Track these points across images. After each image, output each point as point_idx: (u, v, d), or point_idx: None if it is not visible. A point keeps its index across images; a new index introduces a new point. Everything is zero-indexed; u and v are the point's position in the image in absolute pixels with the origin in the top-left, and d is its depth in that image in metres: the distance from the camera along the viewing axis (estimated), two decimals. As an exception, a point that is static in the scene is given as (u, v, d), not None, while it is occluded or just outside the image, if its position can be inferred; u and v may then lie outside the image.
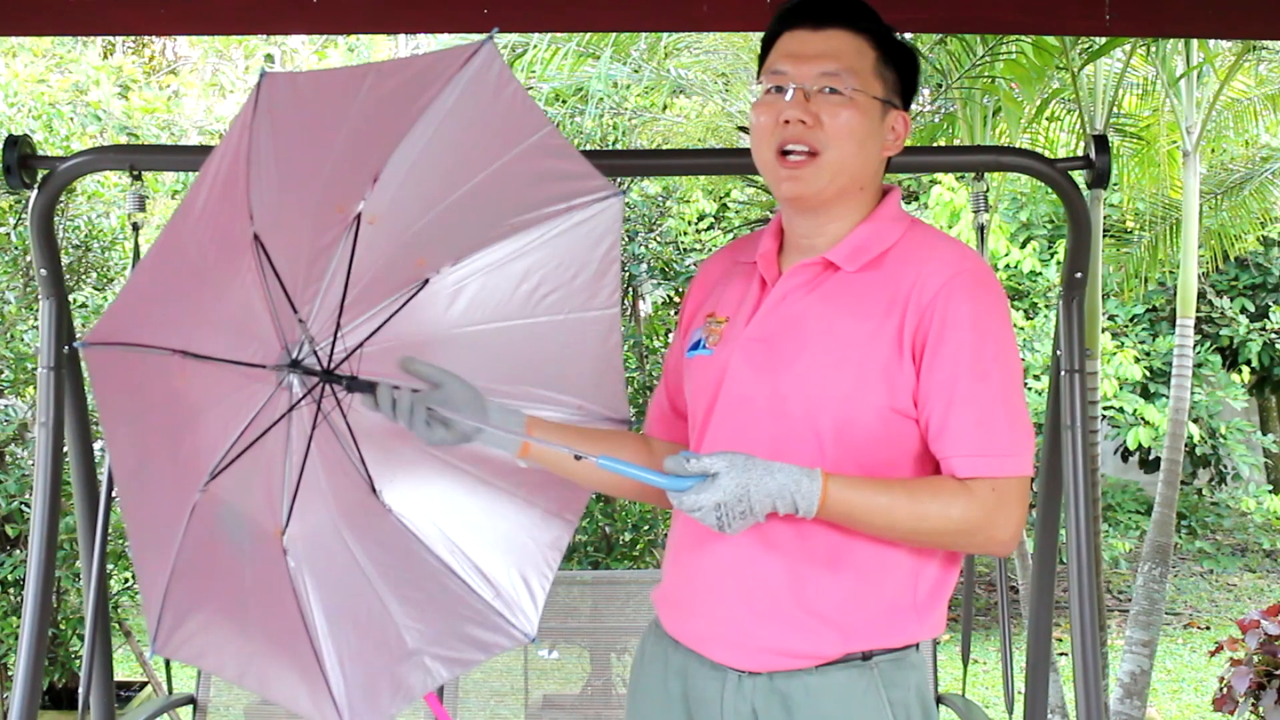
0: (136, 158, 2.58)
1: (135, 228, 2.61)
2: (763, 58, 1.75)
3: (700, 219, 8.11)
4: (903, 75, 1.72)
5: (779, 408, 1.67)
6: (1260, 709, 4.44)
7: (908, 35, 4.98)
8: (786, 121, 1.67)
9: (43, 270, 2.55)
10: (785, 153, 1.68)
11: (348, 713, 1.93)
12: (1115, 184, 6.68)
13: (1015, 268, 7.86)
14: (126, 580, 5.20)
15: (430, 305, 1.92)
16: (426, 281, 1.91)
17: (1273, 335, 8.92)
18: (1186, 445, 7.01)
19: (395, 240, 1.84)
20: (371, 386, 1.76)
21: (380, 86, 1.68)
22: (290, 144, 1.65)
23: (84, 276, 5.18)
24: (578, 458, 1.73)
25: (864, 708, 1.67)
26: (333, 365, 1.82)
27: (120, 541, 5.03)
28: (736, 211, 8.40)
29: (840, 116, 1.66)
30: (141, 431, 1.75)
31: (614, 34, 5.43)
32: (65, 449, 2.63)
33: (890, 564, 1.67)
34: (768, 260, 1.77)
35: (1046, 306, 8.10)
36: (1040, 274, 8.04)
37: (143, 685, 5.56)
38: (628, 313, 5.66)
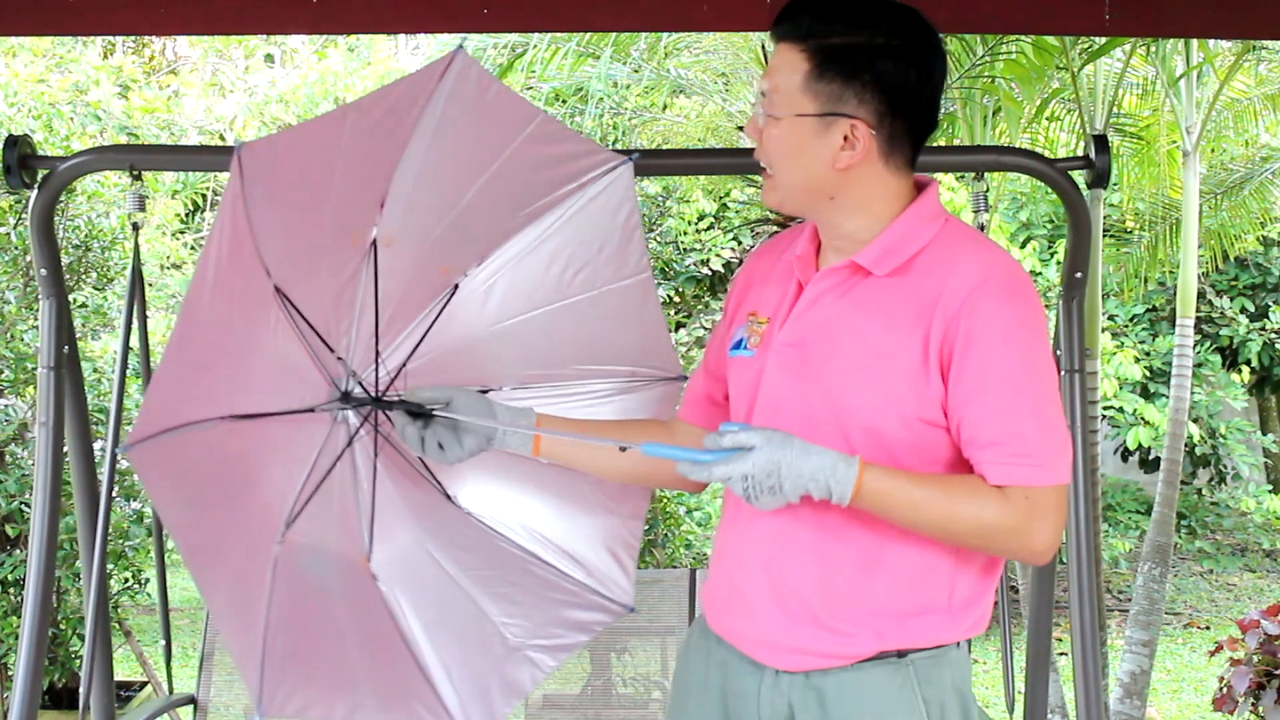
0: (136, 158, 2.58)
1: (135, 228, 2.61)
2: None
3: (700, 219, 8.12)
4: (863, 79, 1.64)
5: (810, 414, 1.68)
6: (1260, 709, 4.44)
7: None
8: None
9: (43, 270, 2.55)
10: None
11: None
12: (1115, 184, 6.68)
13: (1015, 268, 7.86)
14: (126, 580, 5.20)
15: (465, 309, 1.94)
16: (456, 287, 1.93)
17: (1273, 335, 8.92)
18: (1186, 445, 7.01)
19: (415, 255, 1.86)
20: (400, 406, 1.79)
21: (362, 121, 1.70)
22: (287, 198, 1.67)
23: (84, 276, 5.18)
24: (623, 449, 1.76)
25: (898, 704, 1.68)
26: (381, 390, 1.84)
27: (120, 541, 5.03)
28: (736, 211, 8.41)
29: (771, 136, 1.68)
30: (203, 508, 1.76)
31: (614, 34, 5.42)
32: (65, 449, 2.63)
33: (927, 568, 1.67)
34: (804, 262, 1.77)
35: (1046, 306, 8.11)
36: (1040, 274, 8.05)
37: (143, 685, 5.56)
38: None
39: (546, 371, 2.01)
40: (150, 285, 6.47)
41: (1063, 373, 2.56)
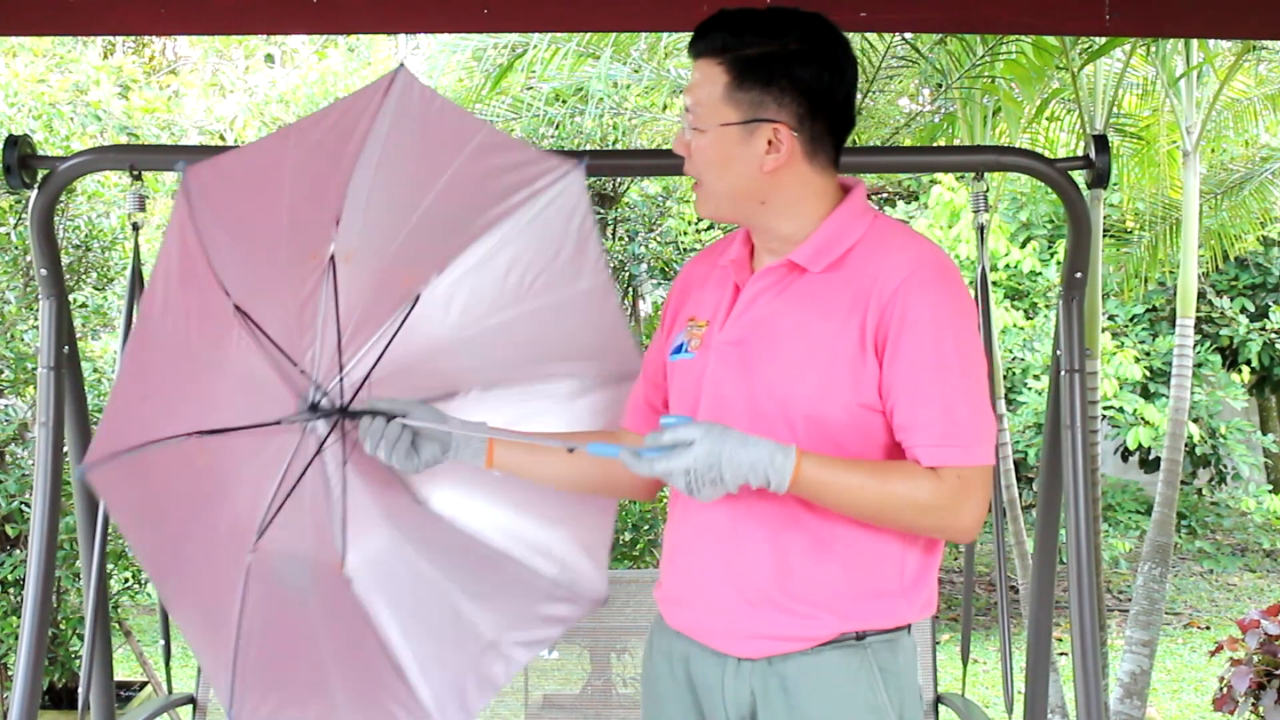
0: (136, 158, 2.58)
1: (135, 228, 2.61)
2: None
3: (700, 219, 8.12)
4: (780, 84, 1.71)
5: (755, 407, 1.74)
6: (1260, 709, 4.44)
7: (908, 35, 4.99)
8: None
9: (43, 270, 2.55)
10: None
11: (440, 717, 1.99)
12: (1115, 184, 6.67)
13: (1015, 268, 7.86)
14: (126, 580, 5.20)
15: (428, 319, 1.97)
16: (418, 297, 1.95)
17: (1273, 335, 8.91)
18: (1186, 445, 7.01)
19: (375, 269, 1.89)
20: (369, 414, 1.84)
21: (305, 141, 1.73)
22: (238, 218, 1.70)
23: (84, 276, 5.18)
24: (570, 450, 1.82)
25: (858, 684, 1.74)
26: (346, 401, 1.88)
27: (120, 541, 5.03)
28: (736, 211, 8.40)
29: (699, 148, 1.77)
30: (170, 524, 1.78)
31: (614, 34, 5.42)
32: (65, 449, 2.63)
33: (875, 551, 1.74)
34: (739, 265, 1.85)
35: (1046, 306, 8.11)
36: (1040, 274, 8.04)
37: (143, 685, 5.56)
38: (628, 313, 5.66)
39: (511, 375, 2.05)
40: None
41: (1063, 373, 2.56)
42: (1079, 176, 2.52)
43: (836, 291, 1.73)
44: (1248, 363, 8.99)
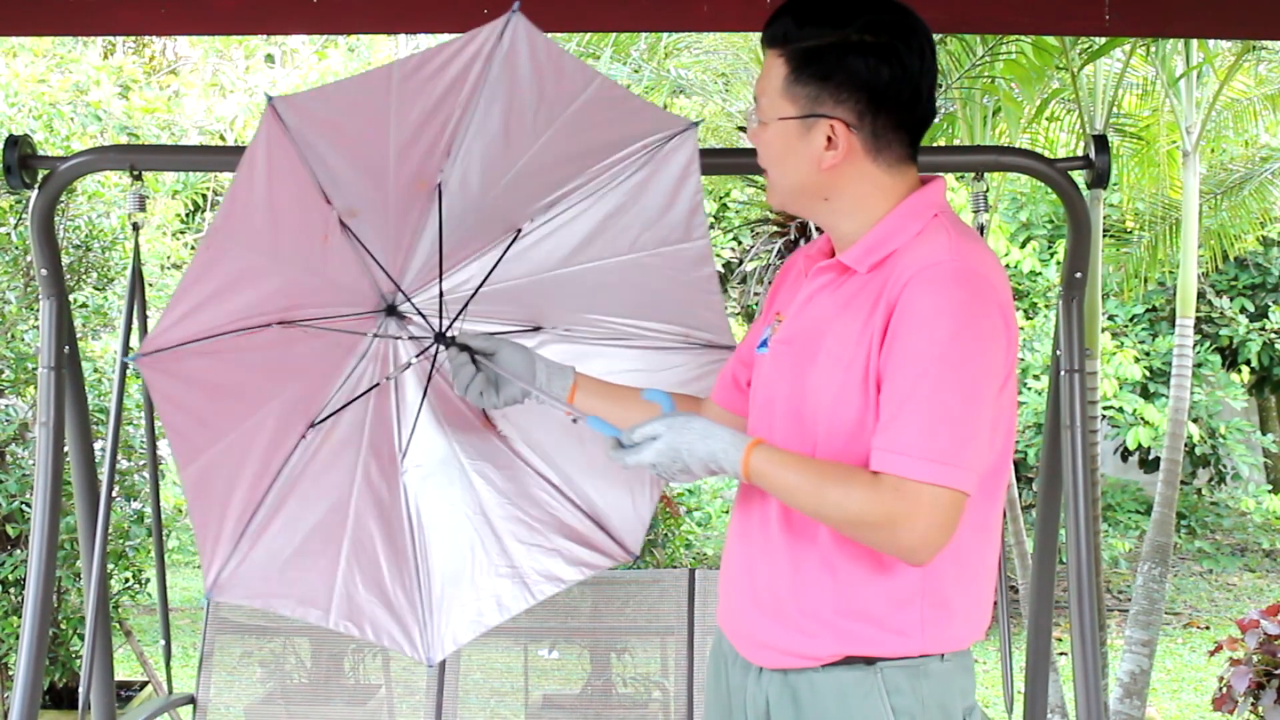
0: (136, 158, 2.58)
1: (135, 228, 2.61)
2: None
3: (700, 219, 8.10)
4: (837, 79, 1.65)
5: (794, 408, 1.71)
6: (1260, 709, 4.44)
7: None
8: None
9: (43, 270, 2.55)
10: None
11: (447, 631, 2.09)
12: (1115, 184, 6.67)
13: (1015, 268, 7.87)
14: (126, 580, 5.20)
15: (527, 253, 2.04)
16: (519, 231, 2.02)
17: (1272, 335, 8.92)
18: (1186, 445, 7.01)
19: (481, 202, 1.94)
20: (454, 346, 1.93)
21: (414, 79, 1.74)
22: (341, 140, 1.76)
23: (84, 276, 5.18)
24: (574, 420, 1.89)
25: (863, 711, 1.68)
26: (443, 327, 1.97)
27: (120, 541, 5.03)
28: (736, 212, 8.41)
29: (761, 140, 1.74)
30: (223, 403, 1.89)
31: (614, 34, 5.42)
32: (65, 449, 2.63)
33: (887, 569, 1.67)
34: (812, 260, 1.81)
35: (1046, 306, 8.11)
36: (1040, 274, 8.05)
37: (143, 685, 5.56)
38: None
39: (599, 319, 2.13)
40: (150, 285, 6.46)
41: (1063, 373, 2.56)
42: (1079, 176, 2.52)
43: (871, 293, 1.66)
44: (1247, 363, 8.99)
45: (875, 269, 1.67)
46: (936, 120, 5.65)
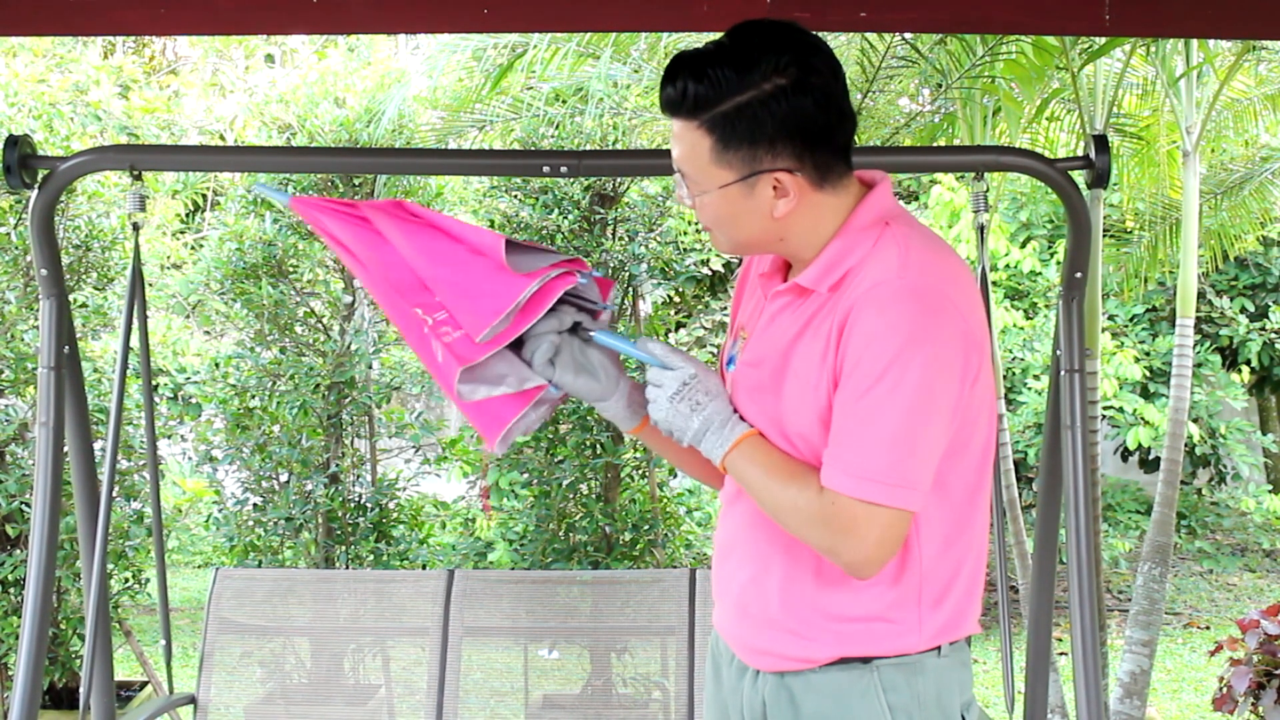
0: (136, 158, 2.58)
1: (135, 228, 2.61)
2: None
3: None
4: (767, 133, 1.61)
5: (772, 432, 1.72)
6: (1260, 709, 4.44)
7: (908, 35, 4.98)
8: None
9: (43, 270, 2.55)
10: None
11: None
12: (1115, 184, 6.67)
13: (1015, 268, 7.87)
14: (126, 580, 5.20)
15: None
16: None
17: (1273, 335, 8.91)
18: (1186, 445, 7.01)
19: None
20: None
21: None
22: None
23: (84, 276, 5.18)
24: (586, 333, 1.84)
25: (861, 709, 1.69)
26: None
27: (120, 541, 5.04)
28: (736, 211, 8.39)
29: (701, 207, 1.70)
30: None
31: (614, 34, 5.42)
32: (65, 449, 2.63)
33: (891, 571, 1.68)
34: (768, 281, 1.80)
35: (1046, 306, 8.11)
36: (1040, 274, 8.04)
37: (143, 685, 5.56)
38: (628, 313, 5.65)
39: None
40: (150, 285, 6.47)
41: (1063, 373, 2.56)
42: (1079, 176, 2.51)
43: (830, 313, 1.65)
44: (1247, 363, 8.99)
45: (835, 288, 1.66)
46: (936, 120, 5.67)
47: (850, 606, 1.69)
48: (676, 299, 8.75)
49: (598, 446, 5.36)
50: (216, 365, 5.54)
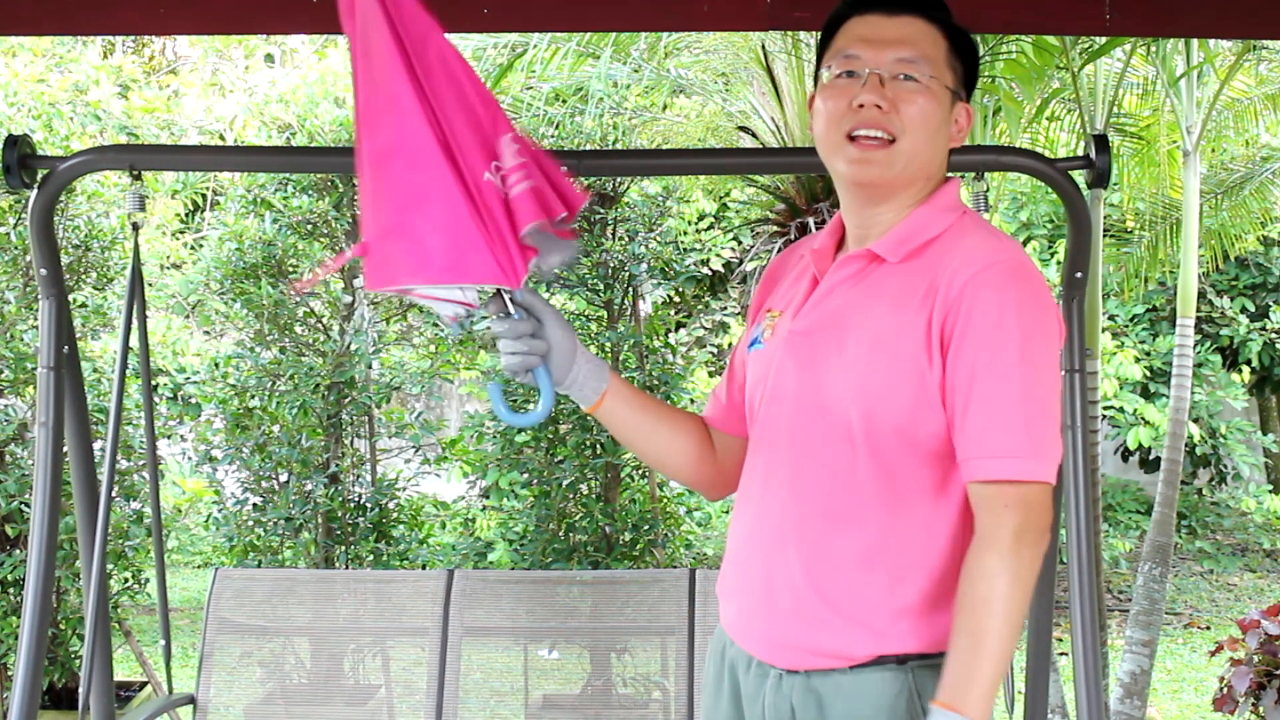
0: (136, 158, 2.58)
1: (135, 228, 2.61)
2: (825, 41, 1.74)
3: (700, 219, 8.11)
4: (968, 68, 1.72)
5: (817, 400, 1.67)
6: (1260, 709, 4.44)
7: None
8: (861, 106, 1.64)
9: (43, 270, 2.55)
10: (855, 137, 1.66)
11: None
12: (1115, 184, 6.67)
13: (1015, 267, 7.85)
14: (126, 580, 5.20)
15: None
16: None
17: (1273, 335, 8.92)
18: (1186, 445, 7.00)
19: None
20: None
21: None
22: None
23: (84, 276, 5.18)
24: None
25: (895, 713, 1.64)
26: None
27: (120, 541, 5.04)
28: (736, 211, 8.40)
29: (916, 104, 1.65)
30: None
31: (614, 34, 5.42)
32: (65, 449, 2.63)
33: (928, 563, 1.64)
34: (820, 255, 1.77)
35: (1046, 306, 8.10)
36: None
37: (143, 685, 5.56)
38: (628, 313, 5.65)
39: None
40: (150, 285, 6.46)
41: (1063, 372, 2.56)
42: (1079, 176, 2.51)
43: (911, 283, 1.63)
44: (1248, 363, 8.99)
45: (909, 258, 1.66)
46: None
47: (893, 598, 1.64)
48: (676, 299, 8.76)
49: (598, 446, 5.36)
50: (216, 365, 5.54)
